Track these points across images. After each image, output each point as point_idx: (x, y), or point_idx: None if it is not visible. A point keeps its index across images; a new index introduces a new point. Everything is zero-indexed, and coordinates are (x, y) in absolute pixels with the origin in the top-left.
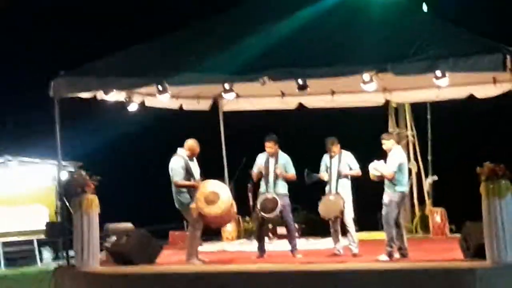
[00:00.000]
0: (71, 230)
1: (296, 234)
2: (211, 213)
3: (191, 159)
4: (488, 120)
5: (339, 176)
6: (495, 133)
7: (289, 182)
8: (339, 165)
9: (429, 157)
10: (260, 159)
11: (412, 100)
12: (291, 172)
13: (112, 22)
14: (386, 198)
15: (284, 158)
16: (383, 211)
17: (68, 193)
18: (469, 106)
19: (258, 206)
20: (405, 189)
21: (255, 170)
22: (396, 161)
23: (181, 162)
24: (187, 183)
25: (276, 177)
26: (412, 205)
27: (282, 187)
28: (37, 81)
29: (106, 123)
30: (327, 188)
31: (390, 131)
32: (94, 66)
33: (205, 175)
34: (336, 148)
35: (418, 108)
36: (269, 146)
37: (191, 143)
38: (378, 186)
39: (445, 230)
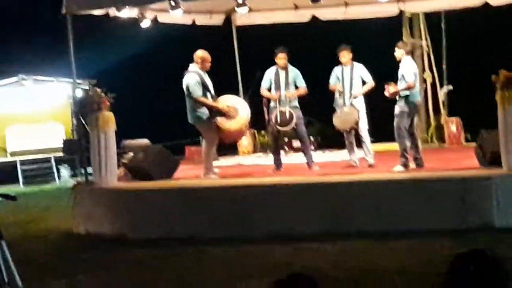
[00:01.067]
0: (88, 147)
1: (312, 147)
2: (231, 128)
3: (204, 72)
4: (503, 28)
5: (352, 87)
6: (509, 41)
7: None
8: (351, 77)
9: (444, 67)
10: (269, 73)
11: (426, 9)
12: (302, 86)
13: None
14: (397, 109)
15: (294, 71)
16: (395, 122)
17: (83, 110)
18: (483, 14)
19: (273, 119)
20: (417, 99)
21: (265, 85)
22: (411, 71)
23: (196, 78)
24: (208, 102)
25: (287, 89)
26: (427, 115)
27: (294, 100)
28: None
29: (120, 40)
30: (340, 100)
31: (404, 41)
32: None
33: (220, 90)
34: (348, 54)
35: (432, 18)
36: (282, 57)
37: (200, 53)
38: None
39: (461, 139)
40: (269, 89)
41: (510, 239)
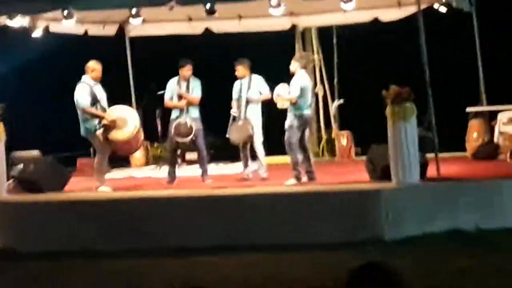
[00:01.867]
0: None
1: (207, 160)
2: (118, 139)
3: (96, 83)
4: (393, 44)
5: (248, 101)
6: (400, 57)
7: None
8: (248, 89)
9: (335, 81)
10: (172, 85)
11: (319, 24)
12: (196, 95)
13: None
14: (287, 123)
15: (196, 82)
16: (285, 136)
17: None
18: (374, 29)
19: (173, 130)
20: (306, 112)
21: (168, 97)
22: (298, 85)
23: (86, 88)
24: (95, 111)
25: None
26: (319, 129)
27: (194, 111)
28: None
29: (10, 49)
30: (237, 114)
31: (301, 55)
32: None
33: (113, 102)
34: (244, 69)
35: (324, 32)
36: (189, 69)
37: (91, 64)
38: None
39: (351, 153)
40: (171, 99)
41: (400, 251)
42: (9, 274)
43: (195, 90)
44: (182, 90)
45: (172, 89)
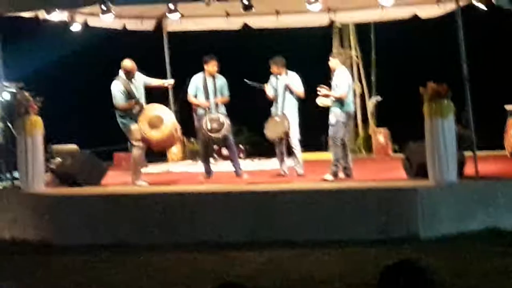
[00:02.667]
0: (14, 152)
1: (241, 155)
2: (153, 138)
3: (130, 80)
4: (431, 40)
5: (285, 98)
6: (438, 54)
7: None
8: (284, 86)
9: (373, 78)
10: (196, 80)
11: (357, 20)
12: (226, 95)
13: None
14: (332, 119)
15: (222, 79)
16: (330, 131)
17: (11, 114)
18: (412, 26)
19: (204, 126)
20: (351, 109)
21: (192, 92)
22: (345, 81)
23: (119, 85)
24: (127, 105)
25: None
26: (356, 126)
27: (222, 108)
28: None
29: (49, 43)
30: (273, 109)
31: (339, 51)
32: None
33: (150, 97)
34: (278, 68)
35: (362, 29)
36: (214, 64)
37: (124, 62)
38: (321, 106)
39: (388, 150)
40: (195, 96)
41: (434, 250)
42: (45, 267)
43: (224, 90)
44: (218, 101)
45: (195, 85)
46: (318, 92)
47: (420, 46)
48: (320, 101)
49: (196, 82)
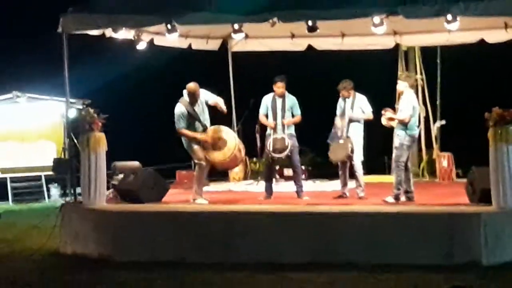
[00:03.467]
0: (78, 167)
1: (303, 176)
2: (216, 159)
3: (194, 103)
4: (498, 65)
5: (351, 120)
6: (504, 79)
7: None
8: (352, 109)
9: (438, 102)
10: (267, 100)
11: (422, 43)
12: (297, 115)
13: None
14: (396, 141)
15: (291, 100)
16: (394, 154)
17: (76, 130)
18: (479, 51)
19: (268, 146)
20: (416, 132)
21: (263, 112)
22: (411, 104)
23: (181, 109)
24: (187, 133)
25: (283, 117)
26: (420, 149)
27: (290, 128)
28: (46, 17)
29: (115, 61)
30: (338, 132)
31: (400, 74)
32: (103, 3)
33: (214, 117)
34: (346, 91)
35: (428, 52)
36: (280, 86)
37: (188, 86)
38: (388, 129)
39: (452, 174)
40: (266, 116)
41: (497, 277)
42: (105, 283)
43: (295, 109)
44: (285, 121)
45: (266, 105)
46: (383, 115)
47: (487, 70)
48: (385, 122)
49: (266, 102)
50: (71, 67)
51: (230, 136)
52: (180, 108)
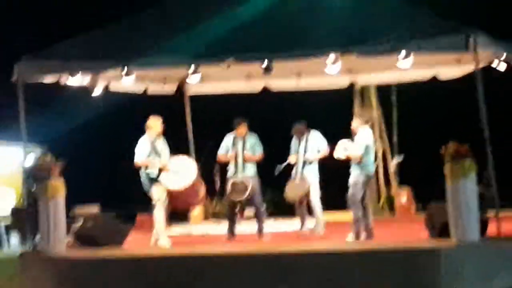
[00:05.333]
0: (36, 215)
1: (264, 217)
2: (175, 188)
3: (157, 138)
4: (452, 100)
5: (306, 159)
6: (459, 113)
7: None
8: (305, 149)
9: (395, 138)
10: (227, 141)
11: (377, 82)
12: (259, 152)
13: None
14: (352, 179)
15: (253, 139)
16: (349, 192)
17: (33, 177)
18: (434, 86)
19: (229, 189)
20: (371, 170)
21: (222, 152)
22: (363, 142)
23: (145, 142)
24: (147, 161)
25: (245, 159)
26: (378, 186)
27: (251, 169)
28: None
29: (71, 107)
30: (293, 171)
31: (358, 112)
32: (58, 49)
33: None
34: (299, 132)
35: (383, 89)
36: (243, 127)
37: (149, 121)
38: (346, 165)
39: (411, 210)
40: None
41: None
42: None
43: (257, 148)
44: (247, 156)
45: (227, 145)
46: (339, 150)
47: (441, 106)
48: (340, 153)
49: (226, 142)
50: (28, 113)
51: (188, 166)
52: (143, 141)
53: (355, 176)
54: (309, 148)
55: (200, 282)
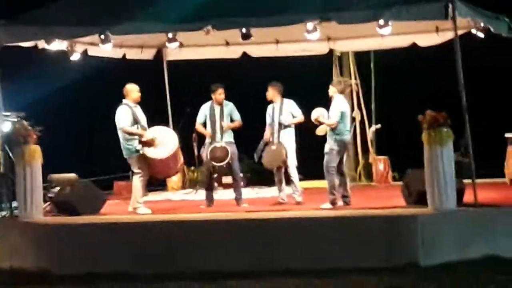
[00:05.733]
0: (14, 181)
1: (242, 184)
2: (156, 157)
3: (135, 105)
4: (430, 69)
5: (281, 125)
6: (437, 81)
7: (235, 130)
8: (280, 114)
9: (373, 106)
10: (205, 109)
11: (356, 48)
12: (237, 119)
13: None
14: (327, 147)
15: (230, 106)
16: (324, 160)
17: (10, 143)
18: (411, 55)
19: (208, 155)
20: (346, 137)
21: (200, 121)
22: (338, 110)
23: (126, 110)
24: (134, 130)
25: (223, 127)
26: (356, 154)
27: (229, 136)
28: None
29: (49, 72)
30: (270, 138)
31: (338, 80)
32: (36, 14)
33: (151, 125)
34: (274, 93)
35: (362, 57)
36: (221, 92)
37: (128, 86)
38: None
39: (388, 178)
40: (204, 124)
41: (435, 278)
42: None
43: (235, 115)
44: (224, 125)
45: (204, 114)
46: (313, 117)
47: (420, 74)
48: (319, 130)
49: (204, 111)
50: (5, 79)
51: (168, 135)
52: (125, 108)
53: (330, 143)
54: (284, 113)
55: (177, 248)
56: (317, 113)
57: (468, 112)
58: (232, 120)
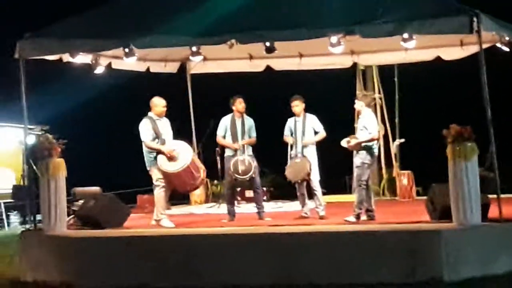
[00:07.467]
0: (38, 194)
1: (264, 197)
2: (168, 171)
3: (159, 118)
4: (455, 83)
5: (305, 144)
6: (462, 95)
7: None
8: (303, 128)
9: (397, 120)
10: (225, 121)
11: (380, 62)
12: (254, 137)
13: None
14: (357, 160)
15: (250, 122)
16: (355, 173)
17: (34, 156)
18: (436, 69)
19: (232, 168)
20: (376, 151)
21: (221, 133)
22: (374, 122)
23: (147, 123)
24: (154, 146)
25: (243, 138)
26: (380, 168)
27: (249, 149)
28: (2, 44)
29: (73, 85)
30: (292, 152)
31: (357, 94)
32: (60, 28)
33: (175, 138)
34: (297, 106)
35: (385, 71)
36: (241, 102)
37: (153, 100)
38: (344, 149)
39: (412, 192)
40: (224, 137)
41: None
42: None
43: (252, 131)
44: (244, 142)
45: (225, 126)
46: (348, 142)
47: (444, 88)
48: (350, 147)
49: (225, 123)
50: (29, 92)
51: (182, 149)
52: (146, 122)
53: (361, 157)
54: (307, 128)
55: (200, 262)
56: (346, 139)
57: (493, 126)
58: (249, 136)
